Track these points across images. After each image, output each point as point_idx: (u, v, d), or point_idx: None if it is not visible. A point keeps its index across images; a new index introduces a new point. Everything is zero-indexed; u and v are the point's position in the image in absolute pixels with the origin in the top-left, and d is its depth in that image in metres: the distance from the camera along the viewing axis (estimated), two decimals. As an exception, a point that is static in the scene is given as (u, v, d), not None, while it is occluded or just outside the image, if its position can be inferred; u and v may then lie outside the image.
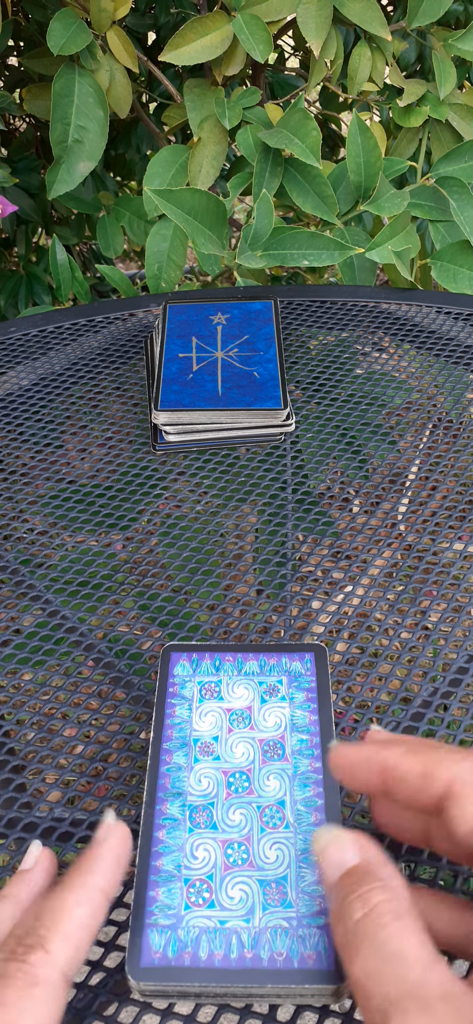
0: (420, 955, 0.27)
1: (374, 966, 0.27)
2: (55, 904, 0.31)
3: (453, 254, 0.89)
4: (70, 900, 0.31)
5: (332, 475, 0.64)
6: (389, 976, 0.27)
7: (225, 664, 0.45)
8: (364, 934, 0.28)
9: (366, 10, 1.00)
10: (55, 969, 0.29)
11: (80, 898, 0.31)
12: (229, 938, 0.34)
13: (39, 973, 0.29)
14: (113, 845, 0.34)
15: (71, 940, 0.30)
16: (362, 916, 0.29)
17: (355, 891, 0.30)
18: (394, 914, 0.28)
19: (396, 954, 0.27)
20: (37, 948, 0.29)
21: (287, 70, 1.56)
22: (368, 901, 0.29)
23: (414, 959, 0.27)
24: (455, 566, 0.55)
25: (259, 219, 0.81)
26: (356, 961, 0.28)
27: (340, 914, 0.30)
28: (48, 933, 0.30)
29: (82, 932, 0.31)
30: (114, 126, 1.50)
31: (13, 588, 0.55)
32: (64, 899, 0.31)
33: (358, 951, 0.28)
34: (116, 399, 0.73)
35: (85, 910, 0.31)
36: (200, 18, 0.97)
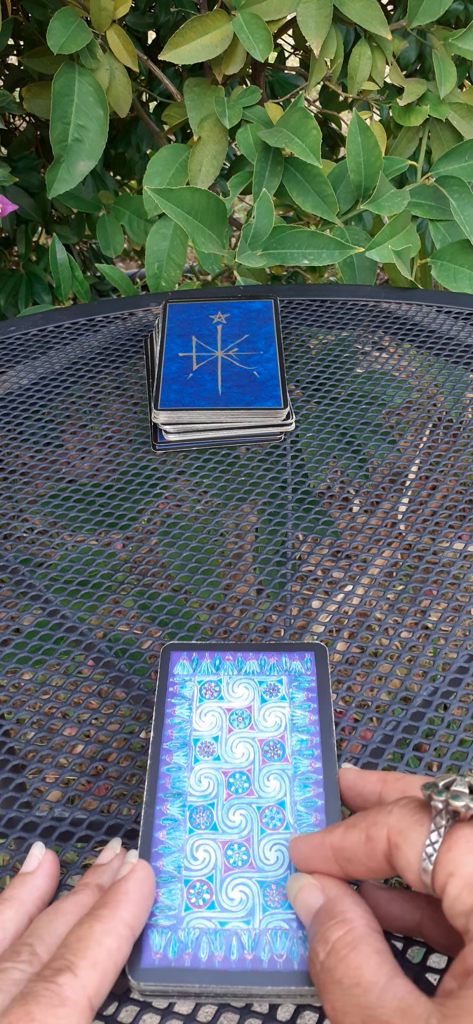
0: (376, 978, 0.29)
1: (340, 999, 0.29)
2: (83, 932, 0.31)
3: (453, 253, 0.89)
4: (98, 929, 0.31)
5: (332, 475, 0.64)
6: (352, 1005, 0.29)
7: (225, 663, 0.45)
8: (328, 972, 0.30)
9: (366, 9, 0.99)
10: (82, 993, 0.29)
11: (108, 928, 0.32)
12: (229, 939, 0.34)
13: (67, 994, 0.29)
14: (138, 883, 0.34)
15: (99, 968, 0.30)
16: (325, 956, 0.30)
17: (318, 932, 0.31)
18: (350, 945, 0.30)
19: (356, 983, 0.29)
20: (65, 971, 0.30)
21: (287, 69, 1.56)
22: (328, 939, 0.31)
23: (371, 983, 0.29)
24: (455, 566, 0.55)
25: (259, 218, 0.81)
26: (325, 998, 0.30)
27: (310, 957, 0.31)
28: (76, 958, 0.30)
29: (108, 962, 0.31)
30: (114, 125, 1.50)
31: (13, 588, 0.55)
32: (92, 928, 0.31)
33: (326, 989, 0.30)
34: (116, 399, 0.73)
35: (112, 941, 0.31)
36: (200, 17, 0.97)
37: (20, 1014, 0.28)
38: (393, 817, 0.32)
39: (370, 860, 0.32)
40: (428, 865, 0.30)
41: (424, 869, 0.30)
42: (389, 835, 0.31)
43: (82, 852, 0.40)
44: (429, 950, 0.35)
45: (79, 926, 0.32)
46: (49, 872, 0.36)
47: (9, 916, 0.34)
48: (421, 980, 0.34)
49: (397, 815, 0.32)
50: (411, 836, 0.31)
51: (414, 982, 0.34)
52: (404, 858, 0.31)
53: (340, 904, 0.32)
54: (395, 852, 0.31)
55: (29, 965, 0.31)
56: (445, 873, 0.29)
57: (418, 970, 0.35)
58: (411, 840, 0.31)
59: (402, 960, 0.35)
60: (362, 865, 0.32)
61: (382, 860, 0.32)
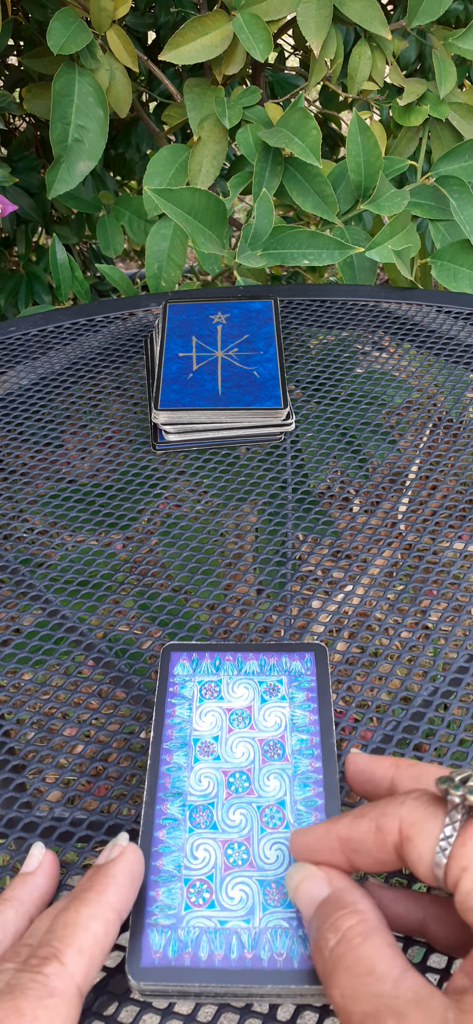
0: (390, 969, 0.28)
1: (350, 987, 0.28)
2: (70, 918, 0.31)
3: (453, 253, 0.89)
4: (84, 914, 0.31)
5: (332, 475, 0.64)
6: (364, 993, 0.28)
7: (225, 664, 0.45)
8: (338, 959, 0.29)
9: (366, 9, 0.99)
10: (71, 981, 0.29)
11: (95, 913, 0.31)
12: (229, 938, 0.34)
13: (54, 984, 0.29)
14: (127, 866, 0.34)
15: (86, 953, 0.30)
16: (335, 943, 0.30)
17: (328, 920, 0.31)
18: (363, 935, 0.29)
19: (368, 972, 0.28)
20: (52, 959, 0.29)
21: (287, 69, 1.56)
22: (339, 928, 0.30)
23: (385, 973, 0.28)
24: (455, 565, 0.55)
25: (259, 218, 0.81)
26: (334, 986, 0.29)
27: (317, 945, 0.31)
28: (62, 945, 0.30)
29: (96, 947, 0.31)
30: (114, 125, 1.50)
31: (13, 588, 0.55)
32: (79, 913, 0.31)
33: (335, 976, 0.29)
34: (116, 399, 0.73)
35: (99, 925, 0.31)
36: (200, 17, 0.97)
37: (8, 1010, 0.28)
38: (405, 808, 0.31)
39: (380, 851, 0.32)
40: (442, 859, 0.29)
41: (437, 863, 0.30)
42: (401, 826, 0.31)
43: (82, 852, 0.40)
44: (429, 950, 0.35)
45: (65, 911, 0.31)
46: (49, 872, 0.36)
47: (9, 917, 0.34)
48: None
49: (410, 807, 0.31)
50: (425, 828, 0.30)
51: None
52: (416, 851, 0.30)
53: (349, 895, 0.32)
54: (407, 844, 0.31)
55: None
56: (459, 867, 0.29)
57: (418, 970, 0.35)
58: (425, 832, 0.30)
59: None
60: (371, 856, 0.32)
61: (392, 852, 0.31)
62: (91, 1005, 0.34)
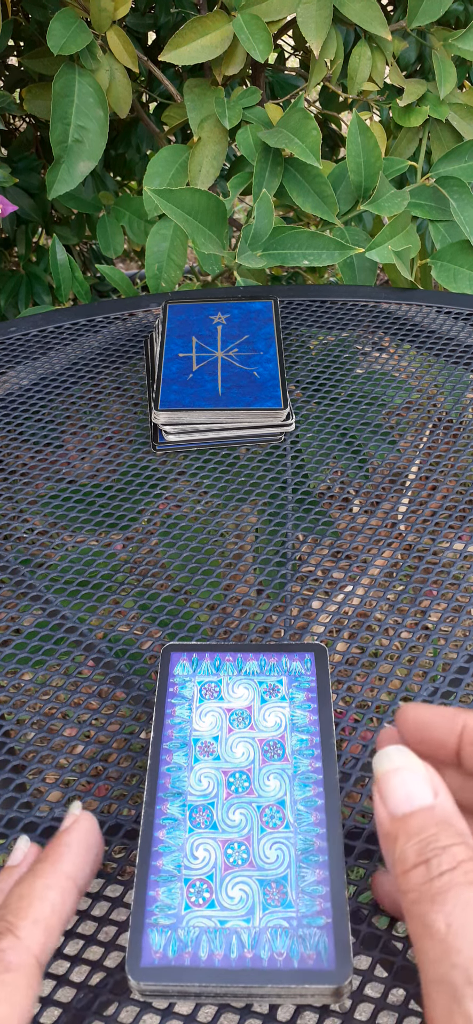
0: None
1: (461, 920, 0.26)
2: (23, 890, 0.31)
3: (453, 254, 0.89)
4: (39, 885, 0.31)
5: (332, 475, 0.64)
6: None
7: (225, 664, 0.45)
8: (453, 887, 0.26)
9: (366, 10, 1.00)
10: (27, 954, 0.29)
11: (49, 883, 0.31)
12: (229, 938, 0.34)
13: (10, 959, 0.28)
14: (81, 834, 0.33)
15: (41, 924, 0.29)
16: (449, 868, 0.27)
17: (440, 840, 0.28)
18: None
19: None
20: (6, 934, 0.29)
21: (287, 70, 1.56)
22: (455, 856, 0.27)
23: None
24: (455, 566, 0.55)
25: (259, 219, 0.81)
26: (439, 910, 0.26)
27: (420, 858, 0.28)
28: (16, 919, 0.29)
29: (53, 917, 0.30)
30: (114, 126, 1.50)
31: (13, 588, 0.55)
32: (33, 885, 0.31)
33: (443, 901, 0.26)
34: (116, 399, 0.73)
35: (55, 894, 0.30)
36: (200, 18, 0.97)
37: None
38: None
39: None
40: None
41: None
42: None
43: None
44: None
45: (19, 884, 0.31)
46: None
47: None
48: (421, 980, 0.34)
49: None
50: None
51: (414, 982, 0.34)
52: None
53: (460, 824, 0.29)
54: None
55: None
56: None
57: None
58: None
59: (402, 959, 0.35)
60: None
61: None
62: (91, 1005, 0.34)
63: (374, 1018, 0.33)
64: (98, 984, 0.35)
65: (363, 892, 0.38)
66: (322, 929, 0.34)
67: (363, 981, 0.34)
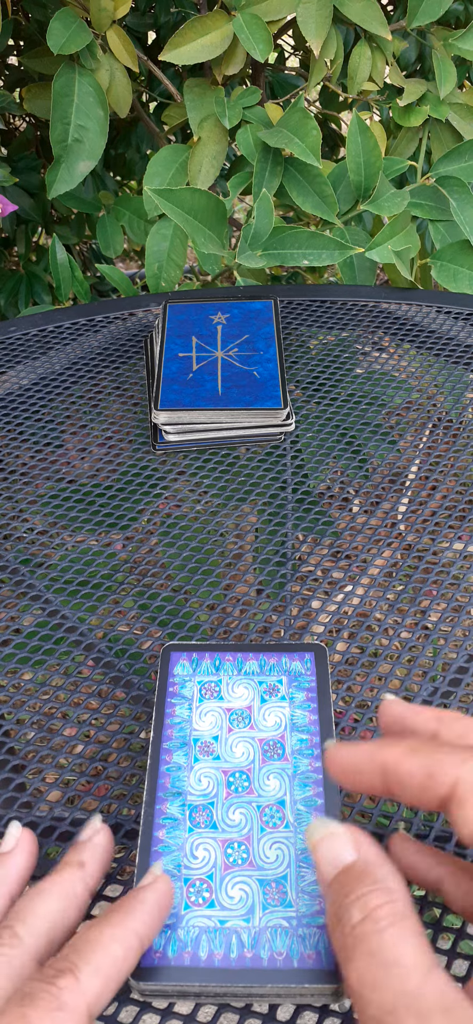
0: (418, 962, 0.26)
1: (371, 973, 0.26)
2: (92, 935, 0.30)
3: (453, 254, 0.89)
4: (107, 934, 0.30)
5: (332, 475, 0.64)
6: (386, 984, 0.26)
7: (225, 664, 0.45)
8: (361, 939, 0.27)
9: (366, 9, 1.00)
10: (82, 999, 0.28)
11: (117, 935, 0.31)
12: (229, 938, 0.34)
13: (65, 999, 0.28)
14: (157, 895, 0.33)
15: (101, 974, 0.29)
16: (360, 920, 0.28)
17: (353, 892, 0.29)
18: (392, 918, 0.27)
19: (393, 961, 0.26)
20: (67, 973, 0.29)
21: (287, 69, 1.56)
22: (366, 905, 0.28)
23: (412, 967, 0.26)
24: (455, 566, 0.55)
25: (259, 219, 0.81)
26: (353, 966, 0.27)
27: (337, 916, 0.29)
28: (80, 961, 0.29)
29: (113, 970, 0.30)
30: (114, 125, 1.50)
31: (13, 588, 0.55)
32: (102, 932, 0.31)
33: (355, 956, 0.27)
34: (116, 399, 0.73)
35: (120, 949, 0.30)
36: (200, 17, 0.97)
37: (16, 1016, 0.27)
38: (465, 769, 0.30)
39: (423, 794, 0.30)
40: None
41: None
42: (457, 786, 0.29)
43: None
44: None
45: (89, 928, 0.31)
46: (27, 849, 0.36)
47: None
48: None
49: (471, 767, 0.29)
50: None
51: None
52: (467, 815, 0.29)
53: (379, 869, 0.30)
54: (457, 805, 0.29)
55: (10, 948, 0.30)
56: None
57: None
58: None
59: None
60: (411, 796, 0.31)
61: (436, 803, 0.30)
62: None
63: (374, 1018, 0.33)
64: (98, 984, 0.35)
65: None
66: (322, 929, 0.34)
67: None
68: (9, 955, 0.30)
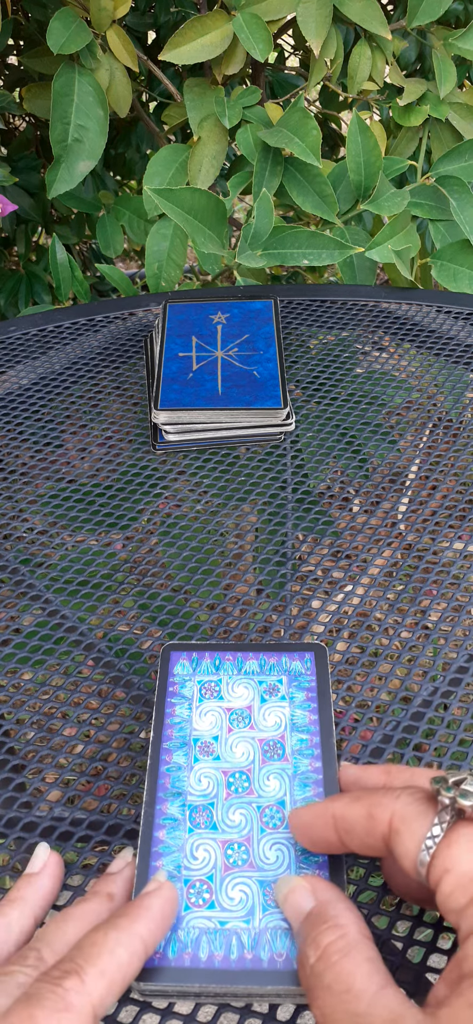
0: (367, 986, 0.28)
1: (329, 1005, 0.29)
2: (98, 938, 0.31)
3: (453, 253, 0.89)
4: (112, 938, 0.31)
5: (332, 475, 0.64)
6: (342, 1012, 0.28)
7: (225, 663, 0.45)
8: (318, 976, 0.30)
9: (366, 9, 0.99)
10: (87, 1000, 0.29)
11: (122, 939, 0.31)
12: (229, 939, 0.34)
13: (71, 1000, 0.29)
14: (162, 901, 0.34)
15: (106, 977, 0.30)
16: (315, 960, 0.30)
17: (309, 935, 0.31)
18: (342, 951, 0.30)
19: (346, 990, 0.29)
20: (72, 975, 0.29)
21: (287, 69, 1.56)
22: (319, 944, 0.30)
23: (361, 991, 0.28)
24: (455, 565, 0.55)
25: (259, 218, 0.81)
26: (315, 1004, 0.29)
27: (300, 961, 0.31)
28: (85, 963, 0.30)
29: (118, 973, 0.30)
30: (114, 125, 1.50)
31: (13, 588, 0.55)
32: (107, 935, 0.31)
33: (316, 994, 0.29)
34: (116, 399, 0.73)
35: (124, 952, 0.31)
36: (200, 17, 0.97)
37: (23, 1016, 0.28)
38: (399, 803, 0.32)
39: (368, 837, 0.32)
40: (425, 857, 0.30)
41: (421, 860, 0.30)
42: (392, 819, 0.32)
43: (82, 852, 0.40)
44: (429, 950, 0.35)
45: (95, 931, 0.31)
46: (54, 873, 0.36)
47: (14, 917, 0.34)
48: (421, 980, 0.34)
49: (403, 801, 0.32)
50: (413, 825, 0.31)
51: (414, 982, 0.34)
52: (403, 845, 0.31)
53: (332, 908, 0.32)
54: (395, 837, 0.31)
55: (35, 970, 0.31)
56: (441, 868, 0.30)
57: (418, 970, 0.35)
58: (413, 829, 0.31)
59: (401, 959, 0.35)
60: (359, 840, 0.33)
61: (380, 840, 0.32)
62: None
63: (374, 1018, 0.33)
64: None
65: (363, 892, 0.38)
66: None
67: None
68: (31, 976, 0.31)
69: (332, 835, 0.34)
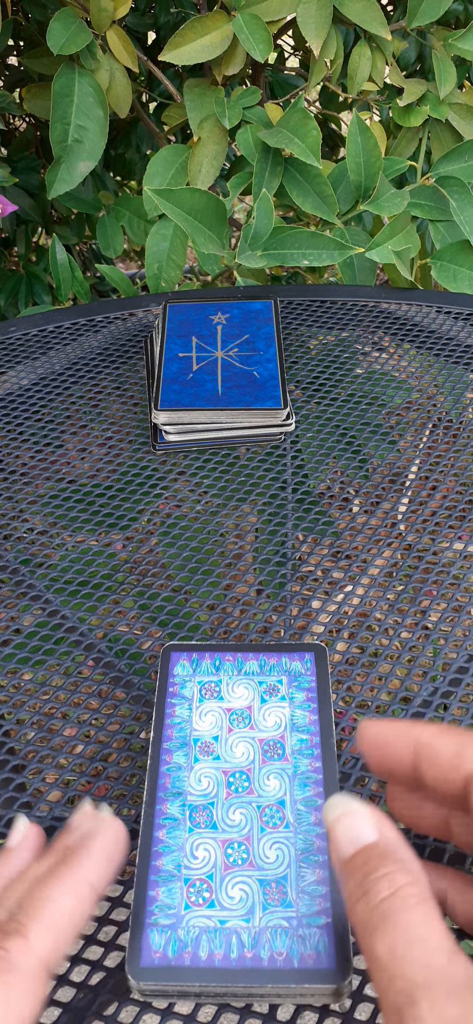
0: (445, 943, 0.27)
1: (401, 947, 0.26)
2: (39, 892, 0.30)
3: (453, 254, 0.89)
4: (55, 889, 0.30)
5: (332, 475, 0.64)
6: (416, 958, 0.26)
7: (225, 664, 0.45)
8: (392, 913, 0.27)
9: (366, 9, 1.00)
10: (34, 958, 0.28)
11: (65, 888, 0.30)
12: (229, 938, 0.34)
13: (17, 961, 0.28)
14: (106, 842, 0.33)
15: (52, 930, 0.29)
16: (388, 895, 0.28)
17: (379, 870, 0.29)
18: (419, 898, 0.28)
19: (423, 938, 0.27)
20: (15, 935, 0.28)
21: (287, 70, 1.56)
22: (394, 882, 0.28)
23: (439, 946, 0.26)
24: (455, 566, 0.55)
25: (259, 219, 0.81)
26: (380, 940, 0.27)
27: (361, 891, 0.29)
28: (29, 921, 0.29)
29: (65, 923, 0.30)
30: (114, 126, 1.50)
31: (13, 588, 0.55)
32: (50, 886, 0.30)
33: (384, 930, 0.27)
34: (116, 399, 0.73)
35: (70, 900, 0.30)
36: (200, 18, 0.97)
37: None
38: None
39: (451, 772, 0.31)
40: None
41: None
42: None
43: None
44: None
45: (36, 885, 0.30)
46: (33, 846, 0.35)
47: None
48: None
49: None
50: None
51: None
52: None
53: (402, 852, 0.30)
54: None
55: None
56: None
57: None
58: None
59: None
60: (439, 773, 0.31)
61: (462, 782, 0.31)
62: (91, 1005, 0.34)
63: (374, 1018, 0.33)
64: (98, 984, 0.35)
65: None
66: (322, 929, 0.34)
67: (363, 981, 0.34)
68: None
69: (407, 759, 0.32)
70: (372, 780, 0.43)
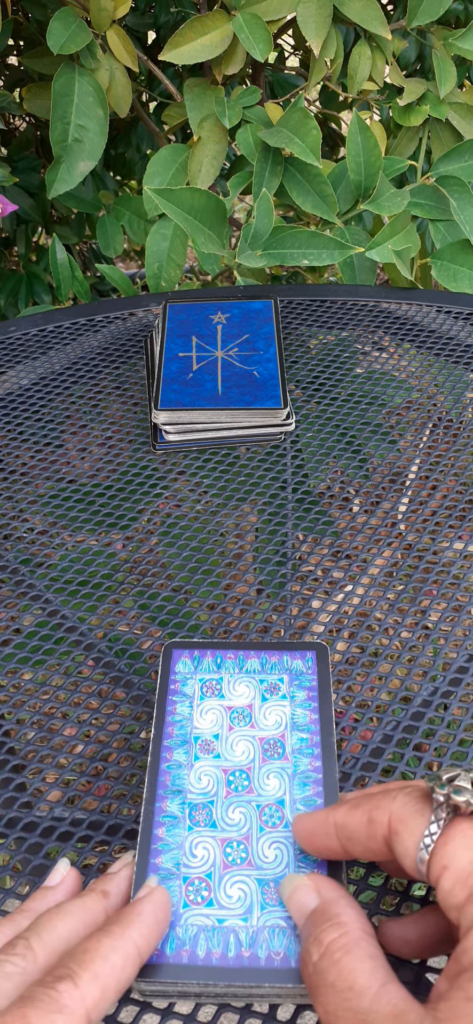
0: (369, 983, 0.29)
1: (332, 1003, 0.29)
2: (91, 944, 0.31)
3: (453, 253, 0.89)
4: (106, 944, 0.31)
5: (332, 475, 0.64)
6: (344, 1010, 0.29)
7: (226, 662, 0.45)
8: (321, 974, 0.30)
9: (366, 9, 0.99)
10: (81, 1004, 0.29)
11: (116, 945, 0.31)
12: (227, 936, 0.34)
13: (65, 1002, 0.29)
14: (154, 906, 0.34)
15: (100, 981, 0.30)
16: (318, 957, 0.30)
17: (312, 934, 0.31)
18: (344, 948, 0.30)
19: (349, 987, 0.29)
20: (66, 979, 0.29)
21: (287, 69, 1.56)
22: (322, 942, 0.31)
23: (364, 987, 0.29)
24: (455, 565, 0.55)
25: (259, 218, 0.81)
26: (318, 1002, 0.30)
27: (303, 959, 0.31)
28: (79, 968, 0.30)
29: (111, 978, 0.30)
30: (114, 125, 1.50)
31: (13, 588, 0.55)
32: (100, 941, 0.31)
33: (319, 992, 0.30)
34: (116, 399, 0.73)
35: (118, 958, 0.31)
36: (200, 17, 0.97)
37: (17, 1016, 0.28)
38: (396, 803, 0.32)
39: (370, 841, 0.33)
40: (424, 855, 0.30)
41: (420, 859, 0.30)
42: (390, 820, 0.32)
43: (82, 852, 0.40)
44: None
45: (88, 938, 0.31)
46: (69, 889, 0.36)
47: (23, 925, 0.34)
48: (421, 980, 0.34)
49: (400, 802, 0.32)
50: (411, 824, 0.31)
51: (414, 982, 0.34)
52: (402, 845, 0.31)
53: (335, 906, 0.32)
54: (394, 838, 0.32)
55: (22, 959, 0.31)
56: (440, 866, 0.30)
57: (418, 970, 0.35)
58: (410, 828, 0.31)
59: (402, 960, 0.35)
60: (362, 845, 0.33)
61: (381, 843, 0.32)
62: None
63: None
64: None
65: (362, 892, 0.38)
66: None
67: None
68: (20, 966, 0.31)
69: (335, 843, 0.34)
70: (372, 780, 0.43)
